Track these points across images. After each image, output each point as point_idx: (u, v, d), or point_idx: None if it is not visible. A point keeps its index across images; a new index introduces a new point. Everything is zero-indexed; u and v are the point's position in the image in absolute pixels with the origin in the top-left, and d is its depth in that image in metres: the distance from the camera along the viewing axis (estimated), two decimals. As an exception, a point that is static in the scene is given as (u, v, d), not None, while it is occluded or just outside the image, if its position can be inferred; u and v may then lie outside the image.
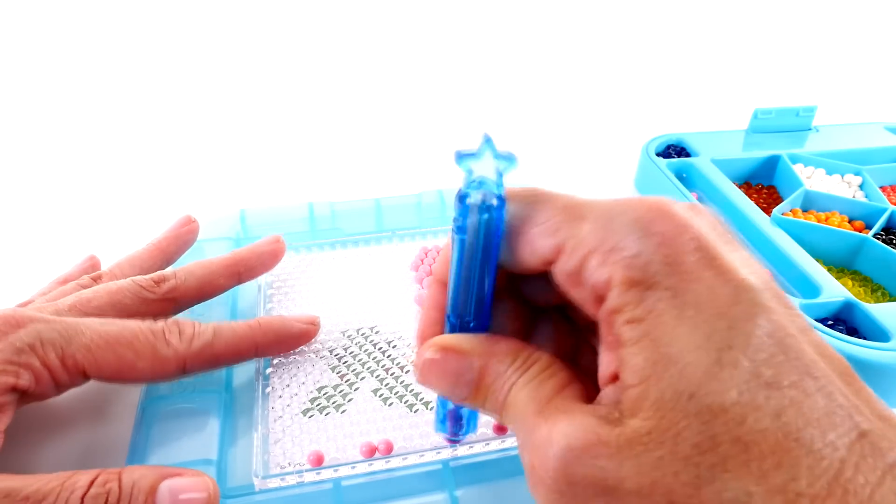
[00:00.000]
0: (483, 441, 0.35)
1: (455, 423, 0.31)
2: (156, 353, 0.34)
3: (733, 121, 0.67)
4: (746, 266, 0.21)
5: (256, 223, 0.53)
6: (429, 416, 0.37)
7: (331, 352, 0.41)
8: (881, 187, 0.60)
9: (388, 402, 0.37)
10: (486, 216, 0.24)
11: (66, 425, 0.38)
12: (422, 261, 0.48)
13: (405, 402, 0.37)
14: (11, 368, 0.31)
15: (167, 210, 0.57)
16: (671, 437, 0.19)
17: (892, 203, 0.56)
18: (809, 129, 0.69)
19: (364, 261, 0.49)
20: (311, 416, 0.37)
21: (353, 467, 0.34)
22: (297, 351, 0.40)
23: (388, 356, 0.41)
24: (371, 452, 0.34)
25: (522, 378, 0.24)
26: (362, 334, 0.42)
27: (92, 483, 0.28)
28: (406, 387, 0.38)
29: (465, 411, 0.31)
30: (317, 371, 0.39)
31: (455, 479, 0.34)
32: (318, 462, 0.34)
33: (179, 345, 0.35)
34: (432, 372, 0.26)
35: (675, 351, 0.20)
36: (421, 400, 0.38)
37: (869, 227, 0.55)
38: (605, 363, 0.22)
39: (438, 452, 0.35)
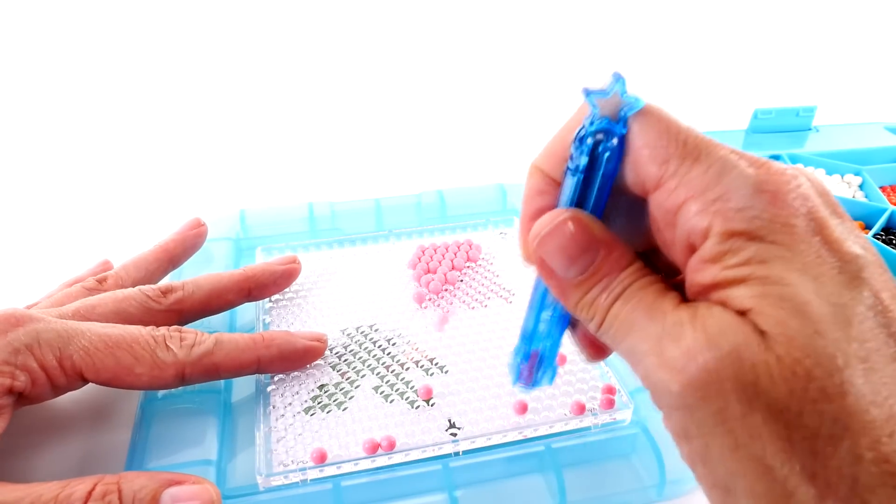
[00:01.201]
0: (487, 444, 0.35)
1: (532, 371, 0.29)
2: (155, 358, 0.34)
3: (733, 121, 0.68)
4: (853, 237, 0.21)
5: (256, 223, 0.53)
6: (430, 413, 0.37)
7: (331, 350, 0.41)
8: (881, 187, 0.60)
9: (390, 399, 0.37)
10: (605, 154, 0.23)
11: (65, 425, 0.38)
12: (419, 259, 0.48)
13: (406, 399, 0.37)
14: (7, 369, 0.31)
15: (168, 210, 0.57)
16: (804, 372, 0.19)
17: (892, 203, 0.56)
18: (809, 129, 0.69)
19: (362, 260, 0.49)
20: (313, 414, 0.36)
21: (357, 464, 0.34)
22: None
23: (389, 353, 0.41)
24: (374, 449, 0.34)
25: (642, 280, 0.23)
26: (362, 332, 0.42)
27: (90, 494, 0.28)
28: (407, 384, 0.38)
29: (547, 353, 0.29)
30: (318, 369, 0.39)
31: (455, 479, 0.34)
32: (321, 459, 0.34)
33: (179, 351, 0.34)
34: (556, 238, 0.23)
35: (791, 290, 0.19)
36: (422, 396, 0.38)
37: (869, 227, 0.55)
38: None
39: (440, 448, 0.34)
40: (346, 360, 0.40)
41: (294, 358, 0.38)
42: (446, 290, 0.46)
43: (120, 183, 0.64)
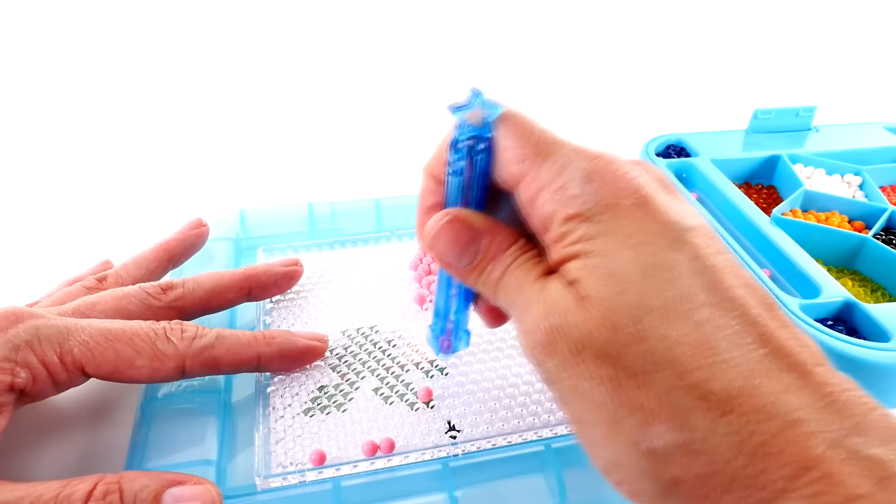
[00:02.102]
0: (487, 447, 0.35)
1: (447, 339, 0.35)
2: (155, 350, 0.34)
3: (733, 121, 0.67)
4: (678, 209, 0.25)
5: (256, 223, 0.53)
6: (430, 415, 0.37)
7: (331, 351, 0.41)
8: (881, 187, 0.60)
9: (390, 401, 0.37)
10: (478, 157, 0.28)
11: (65, 425, 0.38)
12: (420, 260, 0.48)
13: (406, 401, 0.37)
14: (8, 366, 0.31)
15: (169, 210, 0.57)
16: (611, 323, 0.23)
17: (891, 203, 0.56)
18: (809, 129, 0.69)
19: (363, 260, 0.49)
20: (313, 416, 0.36)
21: (355, 466, 0.34)
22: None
23: (389, 355, 0.41)
24: (373, 451, 0.34)
25: (521, 258, 0.27)
26: (362, 334, 0.42)
27: (90, 494, 0.28)
28: (407, 385, 0.38)
29: (460, 323, 0.34)
30: (317, 370, 0.39)
31: (455, 479, 0.34)
32: (320, 461, 0.34)
33: (180, 343, 0.34)
34: (443, 238, 0.29)
35: (606, 261, 0.24)
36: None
37: (869, 228, 0.55)
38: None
39: (440, 450, 0.35)
40: (345, 362, 0.40)
41: (294, 356, 0.38)
42: (446, 291, 0.46)
43: (120, 183, 0.64)
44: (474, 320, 0.34)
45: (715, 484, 0.21)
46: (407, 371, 0.39)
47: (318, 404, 0.37)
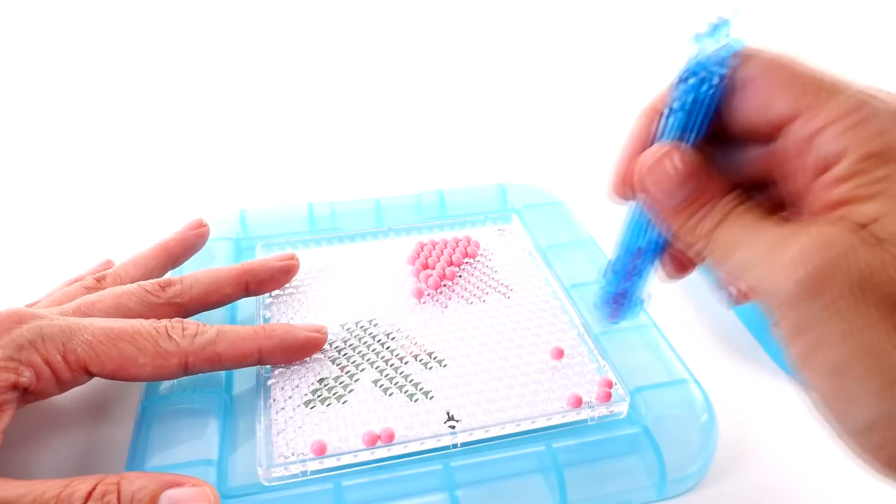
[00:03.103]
0: (485, 436, 0.35)
1: (617, 305, 0.33)
2: (158, 348, 0.34)
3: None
4: None
5: (256, 223, 0.53)
6: (428, 406, 0.37)
7: (331, 344, 0.41)
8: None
9: (389, 393, 0.38)
10: (710, 91, 0.25)
11: (66, 425, 0.38)
12: (418, 254, 0.48)
13: (405, 392, 0.38)
14: (12, 365, 0.31)
15: (169, 210, 0.57)
16: None
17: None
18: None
19: (361, 256, 0.50)
20: (313, 407, 0.37)
21: (356, 456, 0.34)
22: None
23: (388, 347, 0.41)
24: (373, 441, 0.34)
25: (746, 204, 0.25)
26: (361, 327, 0.42)
27: (90, 494, 0.28)
28: (406, 377, 0.39)
29: (637, 286, 0.32)
30: (317, 363, 0.39)
31: (456, 478, 0.34)
32: (321, 451, 0.34)
33: (182, 340, 0.35)
34: (659, 170, 0.26)
35: None
36: (421, 389, 0.38)
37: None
38: None
39: (439, 440, 0.35)
40: (345, 355, 0.40)
41: (295, 348, 0.39)
42: (445, 285, 0.46)
43: (120, 183, 0.64)
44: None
45: None
46: (406, 363, 0.40)
47: (318, 396, 0.37)
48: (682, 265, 0.30)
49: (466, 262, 0.48)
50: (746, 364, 0.43)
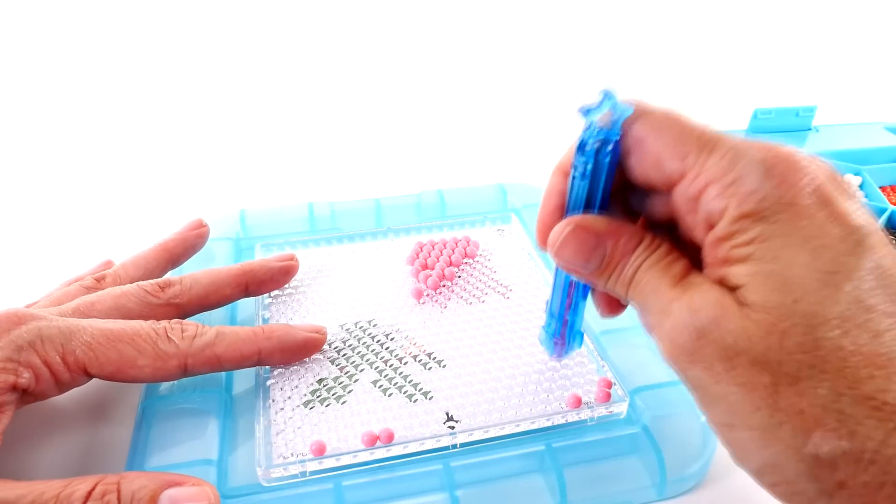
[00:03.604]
0: (484, 436, 0.35)
1: (560, 341, 0.36)
2: (157, 350, 0.34)
3: (733, 121, 0.67)
4: (857, 212, 0.24)
5: (256, 223, 0.53)
6: (427, 406, 0.37)
7: (330, 345, 0.41)
8: (881, 187, 0.60)
9: (388, 393, 0.38)
10: (606, 159, 0.27)
11: (66, 425, 0.38)
12: (417, 255, 0.48)
13: (404, 393, 0.38)
14: (11, 366, 0.31)
15: (169, 210, 0.57)
16: (779, 332, 0.22)
17: (892, 203, 0.56)
18: (809, 129, 0.69)
19: (361, 256, 0.50)
20: (312, 408, 0.37)
21: (355, 456, 0.34)
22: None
23: (387, 348, 0.41)
24: (372, 441, 0.34)
25: (651, 258, 0.27)
26: (360, 328, 0.42)
27: (90, 494, 0.28)
28: (405, 378, 0.39)
29: (574, 324, 0.35)
30: (316, 363, 0.39)
31: (456, 478, 0.34)
32: (320, 452, 0.34)
33: (181, 342, 0.35)
34: (569, 247, 0.28)
35: (781, 266, 0.23)
36: (420, 390, 0.38)
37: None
38: (709, 277, 0.25)
39: (438, 440, 0.35)
40: (344, 355, 0.40)
41: (294, 349, 0.39)
42: (444, 285, 0.46)
43: (120, 183, 0.64)
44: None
45: (884, 494, 0.21)
46: (405, 363, 0.40)
47: (317, 396, 0.37)
48: (613, 303, 0.32)
49: (466, 263, 0.48)
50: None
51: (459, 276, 0.47)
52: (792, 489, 0.23)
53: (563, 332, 0.36)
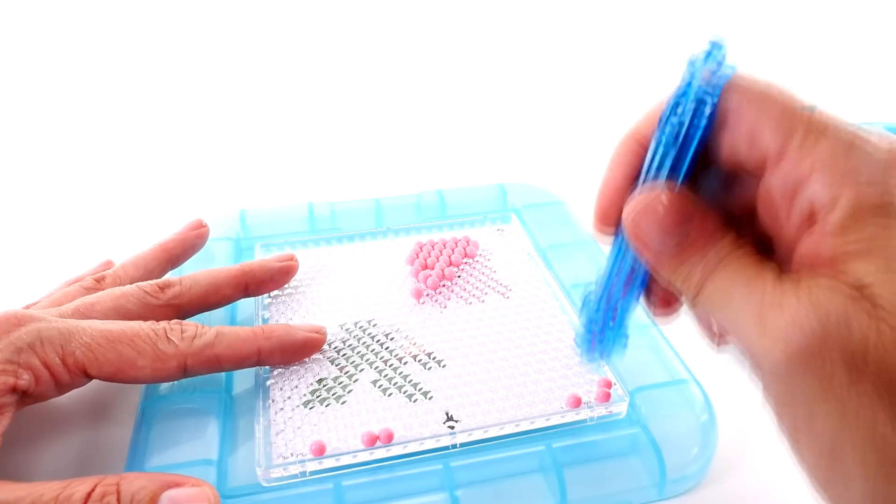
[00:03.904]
0: (484, 436, 0.35)
1: (601, 342, 0.31)
2: (157, 351, 0.34)
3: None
4: None
5: (256, 223, 0.53)
6: (427, 406, 0.37)
7: (329, 345, 0.41)
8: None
9: (388, 393, 0.38)
10: (703, 122, 0.24)
11: (66, 425, 0.38)
12: (417, 254, 0.48)
13: (404, 393, 0.38)
14: (11, 368, 0.31)
15: (169, 210, 0.57)
16: None
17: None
18: (809, 129, 0.68)
19: (360, 256, 0.50)
20: (312, 408, 0.37)
21: (355, 456, 0.34)
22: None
23: (387, 348, 0.41)
24: (372, 441, 0.34)
25: (740, 251, 0.23)
26: (360, 327, 0.42)
27: (89, 496, 0.28)
28: (405, 377, 0.39)
29: (623, 324, 0.30)
30: (316, 363, 0.39)
31: (456, 478, 0.34)
32: (320, 452, 0.34)
33: (181, 342, 0.35)
34: (651, 216, 0.24)
35: None
36: (420, 390, 0.38)
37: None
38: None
39: (438, 440, 0.35)
40: (344, 355, 0.40)
41: (294, 349, 0.39)
42: (444, 285, 0.46)
43: (120, 183, 0.64)
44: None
45: None
46: (405, 363, 0.40)
47: (317, 396, 0.37)
48: (669, 303, 0.28)
49: (465, 263, 0.48)
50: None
51: (459, 276, 0.47)
52: None
53: (606, 330, 0.31)
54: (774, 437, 0.37)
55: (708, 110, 0.23)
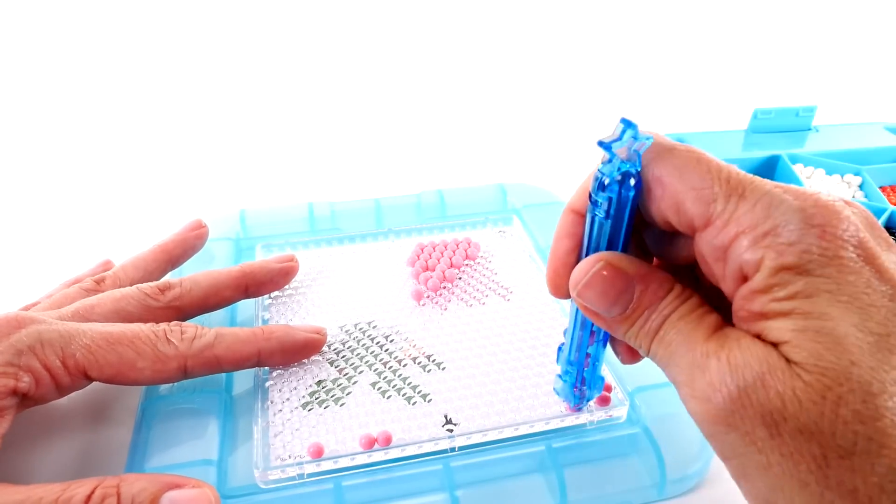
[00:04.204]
0: (483, 440, 0.35)
1: (580, 390, 0.33)
2: (156, 352, 0.34)
3: (733, 121, 0.67)
4: None
5: (256, 223, 0.53)
6: (426, 409, 0.37)
7: (329, 346, 0.41)
8: (881, 187, 0.60)
9: (387, 395, 0.38)
10: (630, 193, 0.25)
11: (66, 426, 0.38)
12: (418, 256, 0.48)
13: (403, 395, 0.37)
14: (11, 371, 0.31)
15: (168, 210, 0.57)
16: (834, 397, 0.20)
17: (892, 203, 0.56)
18: (809, 129, 0.68)
19: (361, 257, 0.49)
20: (311, 410, 0.37)
21: (353, 458, 0.34)
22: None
23: (386, 350, 0.41)
24: (370, 444, 0.34)
25: (682, 308, 0.25)
26: (360, 329, 0.42)
27: (89, 498, 0.28)
28: (404, 380, 0.39)
29: (596, 370, 0.33)
30: (315, 365, 0.39)
31: (456, 478, 0.34)
32: (317, 454, 0.34)
33: (181, 344, 0.35)
34: (595, 287, 0.26)
35: (832, 325, 0.21)
36: (419, 392, 0.38)
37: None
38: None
39: (437, 444, 0.35)
40: (343, 357, 0.40)
41: (294, 350, 0.38)
42: (444, 287, 0.46)
43: (120, 183, 0.64)
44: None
45: None
46: (404, 366, 0.39)
47: (315, 398, 0.37)
48: (633, 353, 0.30)
49: (466, 264, 0.48)
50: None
51: (460, 278, 0.47)
52: None
53: (584, 379, 0.33)
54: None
55: (633, 181, 0.25)
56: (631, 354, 0.30)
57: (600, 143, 0.24)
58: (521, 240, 0.52)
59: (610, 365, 0.39)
